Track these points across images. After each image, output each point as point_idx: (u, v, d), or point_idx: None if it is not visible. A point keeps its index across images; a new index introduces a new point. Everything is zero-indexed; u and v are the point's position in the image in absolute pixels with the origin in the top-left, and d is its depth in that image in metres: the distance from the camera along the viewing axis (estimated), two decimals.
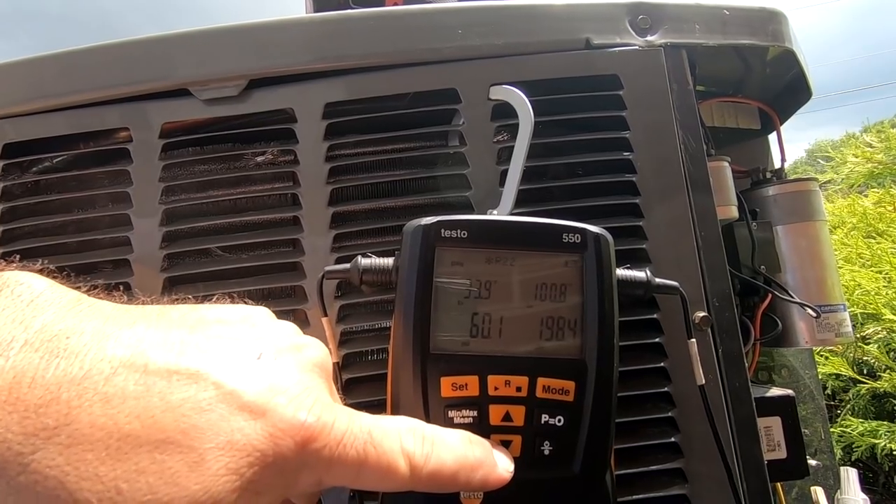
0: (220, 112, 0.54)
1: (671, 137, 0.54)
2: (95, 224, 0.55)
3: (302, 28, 0.55)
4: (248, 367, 0.24)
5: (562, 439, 0.34)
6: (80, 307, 0.23)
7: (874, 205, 2.56)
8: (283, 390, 0.24)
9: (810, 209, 0.67)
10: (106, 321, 0.22)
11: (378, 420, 0.27)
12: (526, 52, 0.54)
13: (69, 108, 0.54)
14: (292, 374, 0.25)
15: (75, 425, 0.19)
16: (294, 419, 0.23)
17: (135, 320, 0.23)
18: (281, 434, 0.23)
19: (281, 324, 0.29)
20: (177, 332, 0.24)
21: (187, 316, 0.26)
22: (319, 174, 0.53)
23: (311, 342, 0.29)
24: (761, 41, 0.58)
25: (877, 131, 3.23)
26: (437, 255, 0.36)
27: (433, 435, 0.28)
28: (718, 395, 0.50)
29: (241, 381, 0.23)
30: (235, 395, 0.23)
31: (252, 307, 0.29)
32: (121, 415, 0.20)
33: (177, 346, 0.23)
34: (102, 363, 0.21)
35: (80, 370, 0.20)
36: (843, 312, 0.65)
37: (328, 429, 0.24)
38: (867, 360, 1.96)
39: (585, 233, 0.37)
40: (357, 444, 0.25)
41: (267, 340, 0.26)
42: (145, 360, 0.22)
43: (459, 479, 0.28)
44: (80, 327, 0.22)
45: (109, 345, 0.21)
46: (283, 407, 0.23)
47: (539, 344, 0.36)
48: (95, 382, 0.20)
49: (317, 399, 0.25)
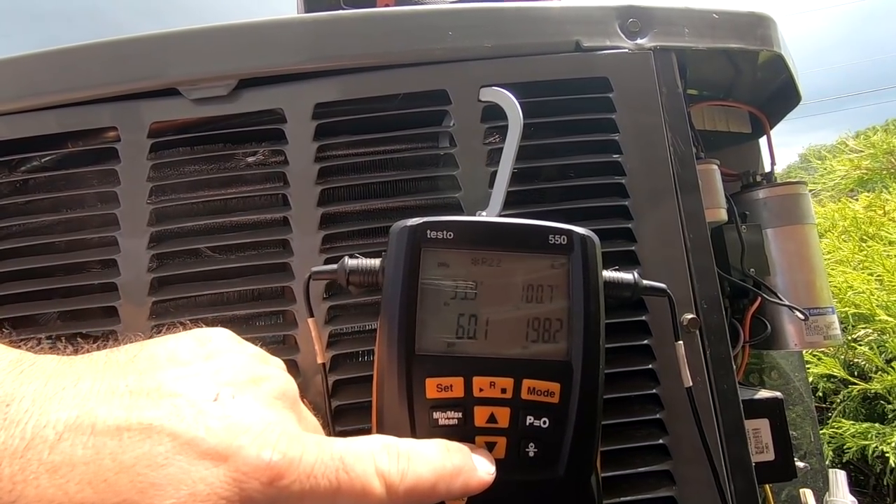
0: (209, 112, 0.54)
1: (661, 140, 0.54)
2: (84, 224, 0.55)
3: (293, 28, 0.55)
4: (205, 411, 0.23)
5: (547, 441, 0.35)
6: (21, 368, 0.21)
7: (865, 209, 2.57)
8: (244, 430, 0.23)
9: (799, 212, 0.67)
10: (48, 381, 0.21)
11: (349, 444, 0.26)
12: (516, 54, 0.55)
13: (59, 107, 0.54)
14: (253, 410, 0.24)
15: (22, 501, 0.18)
16: (258, 460, 0.22)
17: (79, 376, 0.22)
18: (245, 477, 0.22)
19: (240, 351, 0.28)
20: (123, 380, 0.23)
21: (136, 358, 0.24)
22: (309, 175, 0.52)
23: (271, 372, 0.28)
24: (750, 45, 0.59)
25: (864, 137, 3.25)
26: (423, 256, 0.36)
27: (408, 450, 0.28)
28: (706, 397, 0.50)
29: (198, 428, 0.22)
30: (193, 443, 0.22)
31: (209, 331, 0.28)
32: (70, 483, 0.19)
33: (125, 398, 0.22)
34: (46, 430, 0.20)
35: (21, 441, 0.19)
36: (832, 315, 0.66)
37: (296, 463, 0.23)
38: (858, 361, 1.97)
39: (572, 234, 0.37)
40: (328, 472, 0.24)
41: (224, 375, 0.25)
42: (93, 419, 0.20)
43: (439, 490, 0.28)
44: (21, 392, 0.20)
45: (53, 408, 0.20)
46: (245, 449, 0.22)
47: (525, 345, 0.36)
48: (40, 452, 0.19)
49: (282, 433, 0.24)
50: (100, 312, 0.53)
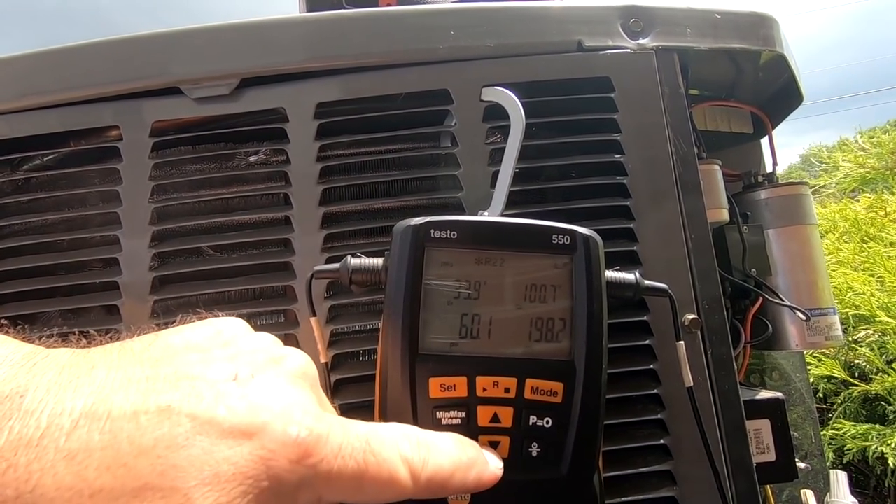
0: (211, 111, 0.54)
1: (662, 140, 0.54)
2: (86, 222, 0.55)
3: (295, 27, 0.55)
4: (224, 391, 0.22)
5: (550, 441, 0.35)
6: (34, 361, 0.21)
7: (866, 209, 2.57)
8: (266, 407, 0.22)
9: (801, 213, 0.67)
10: (61, 372, 0.21)
11: (374, 427, 0.26)
12: (518, 54, 0.55)
13: (61, 106, 0.54)
14: (274, 388, 0.24)
15: (40, 490, 0.18)
16: (285, 436, 0.22)
17: (93, 365, 0.22)
18: (272, 455, 0.21)
19: (257, 337, 0.28)
20: (140, 368, 0.22)
21: (151, 347, 0.24)
22: (311, 174, 0.52)
23: (290, 352, 0.27)
24: (752, 45, 0.59)
25: (869, 137, 3.25)
26: (427, 255, 0.36)
27: (427, 440, 0.27)
28: (707, 397, 0.50)
29: (218, 407, 0.21)
30: (214, 422, 0.21)
31: (224, 320, 0.28)
32: (89, 470, 0.19)
33: (141, 383, 0.21)
34: (62, 417, 0.19)
35: (36, 430, 0.19)
36: (833, 316, 0.66)
37: (323, 440, 0.23)
38: (859, 363, 1.97)
39: (575, 234, 0.37)
40: (356, 454, 0.23)
41: (242, 358, 0.25)
42: (108, 405, 0.20)
43: (456, 481, 0.28)
44: (35, 383, 0.20)
45: (68, 396, 0.20)
46: (270, 425, 0.22)
47: (528, 345, 0.36)
48: (56, 439, 0.19)
49: (305, 411, 0.23)
50: (101, 311, 0.53)
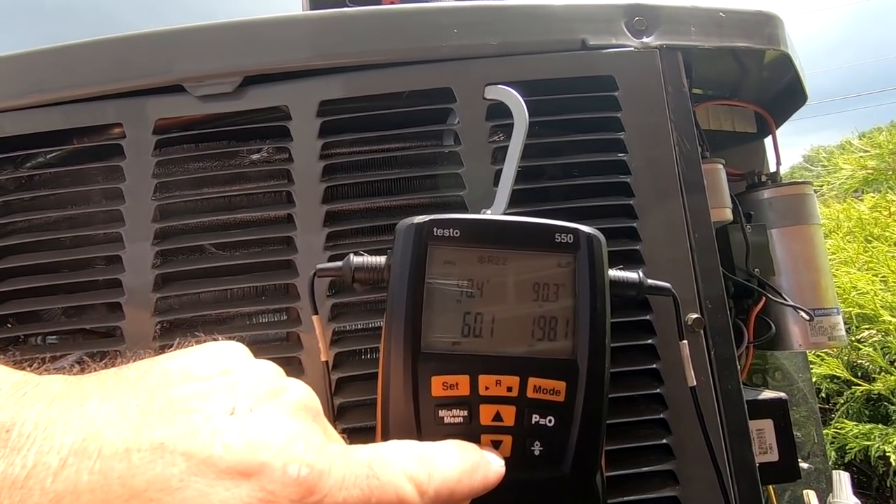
0: (214, 108, 0.54)
1: (666, 139, 0.54)
2: (89, 220, 0.55)
3: (298, 25, 0.54)
4: (221, 426, 0.21)
5: (552, 440, 0.34)
6: (24, 391, 0.20)
7: (870, 209, 2.57)
8: (265, 444, 0.21)
9: (805, 212, 0.67)
10: (52, 403, 0.20)
11: (375, 450, 0.25)
12: (522, 52, 0.54)
13: (65, 103, 0.54)
14: (274, 422, 0.23)
15: None
16: (285, 476, 0.21)
17: (85, 396, 0.21)
18: (272, 497, 0.20)
19: (257, 365, 0.27)
20: (133, 399, 0.21)
21: (147, 375, 0.23)
22: (313, 172, 0.52)
23: (290, 383, 0.27)
24: (757, 44, 0.58)
25: (868, 138, 3.24)
26: (430, 253, 0.36)
27: (429, 452, 0.27)
28: (710, 397, 0.50)
29: (215, 445, 0.20)
30: (210, 462, 0.20)
31: (223, 345, 0.27)
32: None
33: (135, 417, 0.20)
34: (49, 456, 0.18)
35: (22, 469, 0.18)
36: (837, 316, 0.65)
37: (326, 475, 0.22)
38: (862, 362, 1.96)
39: (578, 233, 0.37)
40: (359, 481, 0.23)
41: (241, 389, 0.24)
42: (99, 442, 0.19)
43: (462, 487, 0.28)
44: (23, 416, 0.19)
45: (57, 431, 0.19)
46: (269, 464, 0.21)
47: (531, 344, 0.36)
48: (42, 480, 0.18)
49: (307, 445, 0.23)
50: (104, 308, 0.53)
